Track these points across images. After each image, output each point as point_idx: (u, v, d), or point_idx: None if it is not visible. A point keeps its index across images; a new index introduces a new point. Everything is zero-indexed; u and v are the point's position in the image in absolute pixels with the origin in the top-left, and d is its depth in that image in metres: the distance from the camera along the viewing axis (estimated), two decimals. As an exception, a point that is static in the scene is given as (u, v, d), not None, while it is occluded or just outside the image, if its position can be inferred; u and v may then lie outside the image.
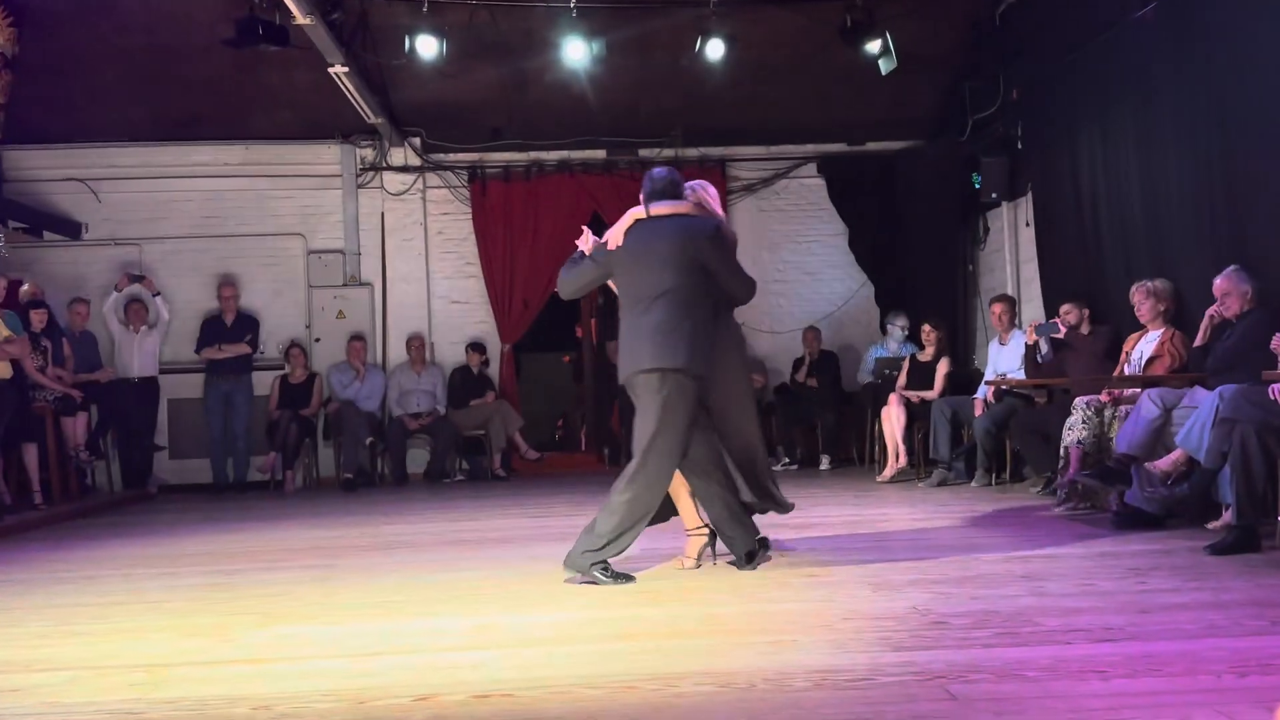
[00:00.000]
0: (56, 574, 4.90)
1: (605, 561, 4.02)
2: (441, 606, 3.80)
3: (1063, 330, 6.67)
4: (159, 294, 9.12)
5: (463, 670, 2.91)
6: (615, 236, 4.24)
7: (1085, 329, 6.68)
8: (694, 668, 2.82)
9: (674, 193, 4.24)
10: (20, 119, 8.56)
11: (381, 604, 3.88)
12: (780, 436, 9.31)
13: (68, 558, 5.43)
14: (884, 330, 9.60)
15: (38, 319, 7.84)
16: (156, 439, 9.15)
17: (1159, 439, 5.13)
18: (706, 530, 4.31)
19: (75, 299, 8.88)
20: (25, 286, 8.49)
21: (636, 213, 4.23)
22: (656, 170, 4.33)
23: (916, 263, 9.56)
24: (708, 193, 4.40)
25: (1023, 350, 7.22)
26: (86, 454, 8.11)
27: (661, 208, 4.22)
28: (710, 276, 4.14)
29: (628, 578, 4.03)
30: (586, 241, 4.35)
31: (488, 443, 9.28)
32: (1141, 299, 5.96)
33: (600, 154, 9.82)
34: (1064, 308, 6.75)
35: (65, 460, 7.87)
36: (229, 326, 9.20)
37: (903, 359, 8.44)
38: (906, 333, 8.75)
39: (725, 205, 9.71)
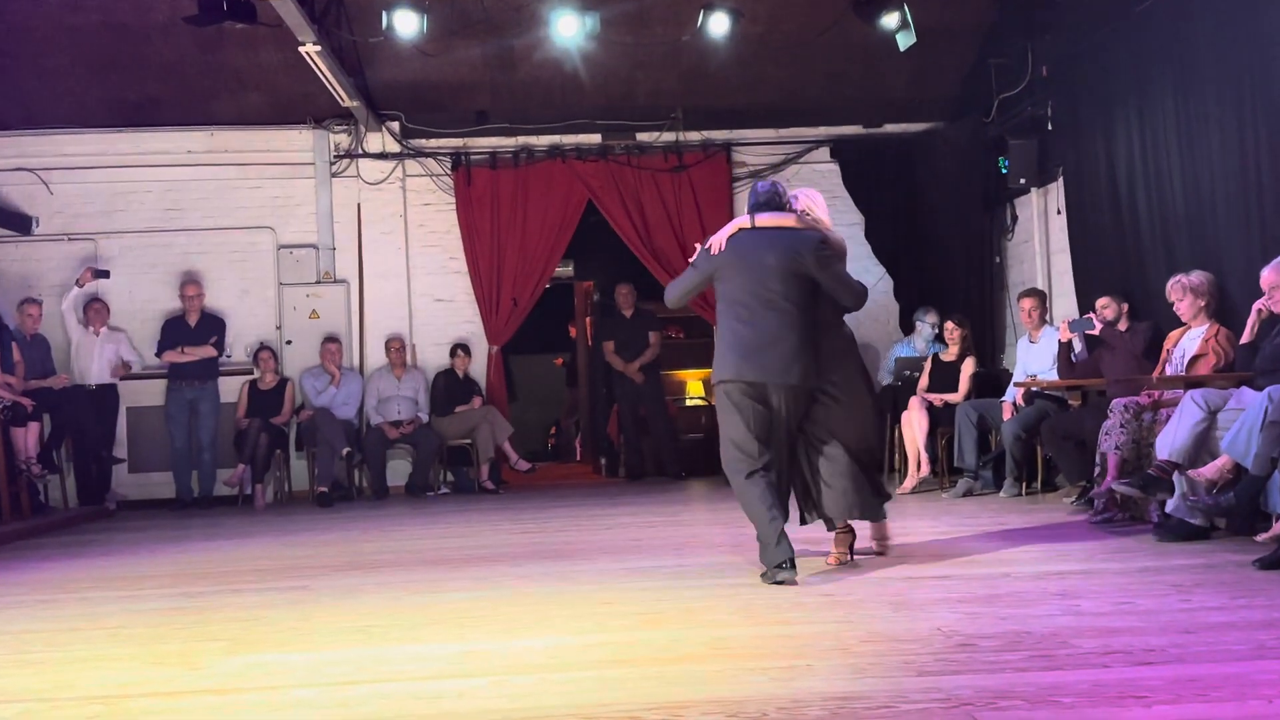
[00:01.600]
0: (7, 598, 4.89)
1: (770, 567, 4.37)
2: (426, 631, 3.81)
3: (1098, 326, 6.68)
4: (129, 359, 9.12)
5: (448, 700, 2.91)
6: (719, 241, 4.63)
7: (1123, 325, 6.69)
8: (700, 696, 2.83)
9: (777, 204, 4.66)
10: (-35, 104, 8.58)
11: (361, 629, 3.88)
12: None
13: (19, 580, 5.43)
14: (904, 328, 9.62)
15: (-15, 321, 7.84)
16: (115, 451, 9.15)
17: (1203, 444, 5.13)
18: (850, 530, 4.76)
19: (26, 299, 8.88)
20: (-29, 286, 8.51)
21: (742, 222, 4.64)
22: (760, 184, 4.81)
23: (938, 254, 9.57)
24: (814, 201, 4.77)
25: (1055, 349, 7.22)
26: (39, 467, 8.09)
27: (766, 219, 4.60)
28: (816, 287, 4.54)
29: (789, 578, 4.32)
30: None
31: (474, 453, 9.28)
32: (1179, 295, 5.96)
33: (595, 138, 9.83)
34: (1100, 302, 6.76)
35: (15, 474, 7.86)
36: (193, 328, 9.20)
37: (924, 359, 8.43)
38: (937, 330, 8.73)
39: (730, 193, 9.82)
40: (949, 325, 8.19)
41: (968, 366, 8.00)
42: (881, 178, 9.86)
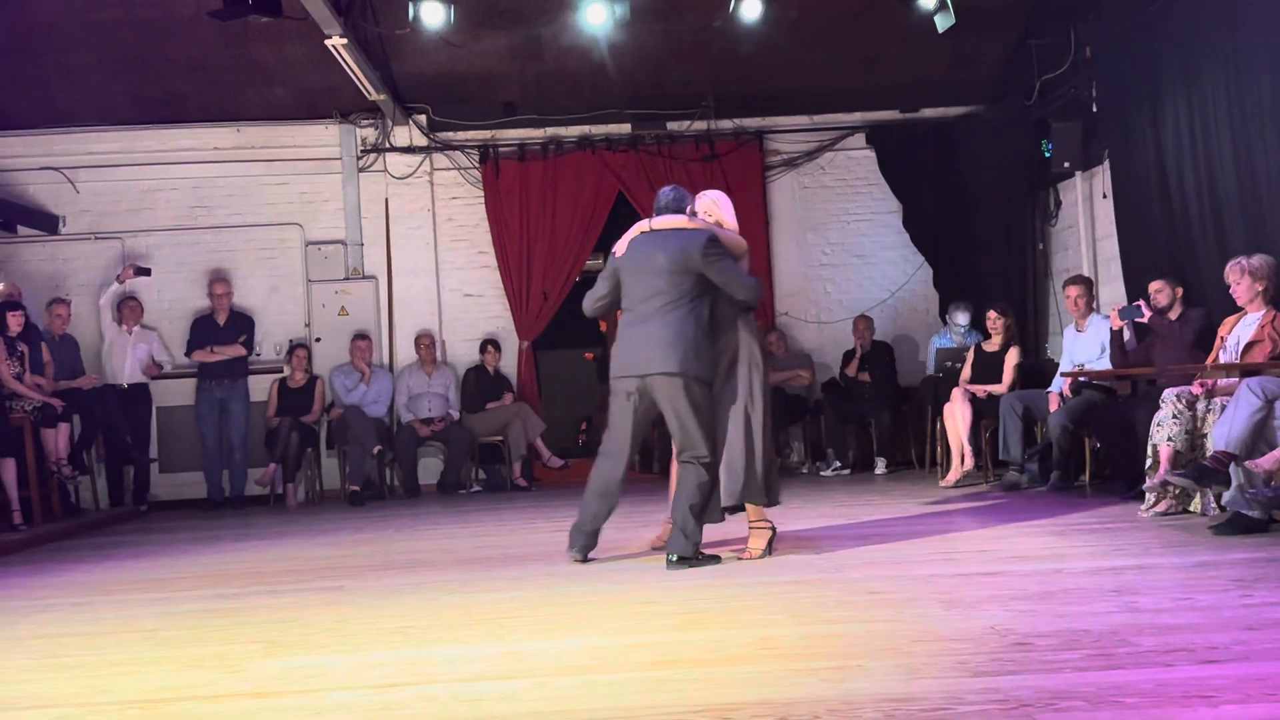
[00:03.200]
0: (41, 601, 4.93)
1: (571, 547, 5.06)
2: (464, 632, 3.80)
3: (1147, 314, 6.59)
4: (161, 359, 9.21)
5: (491, 702, 2.90)
6: (620, 245, 5.09)
7: (1176, 311, 6.58)
8: (749, 698, 2.80)
9: (677, 208, 5.06)
10: (-9, 103, 8.67)
11: (399, 630, 3.88)
12: (829, 438, 9.27)
13: (52, 583, 5.47)
14: (945, 319, 9.55)
15: (14, 322, 7.88)
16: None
17: (1260, 434, 5.05)
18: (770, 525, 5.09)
19: (54, 299, 8.96)
20: (-1, 286, 8.59)
21: (642, 225, 5.07)
22: (664, 189, 5.22)
23: (980, 242, 9.49)
24: (719, 205, 5.16)
25: (1102, 338, 7.14)
26: (69, 468, 8.16)
27: (662, 221, 5.03)
28: (709, 284, 4.91)
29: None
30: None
31: (506, 449, 9.30)
32: (1236, 278, 5.86)
33: (625, 128, 9.81)
34: (1154, 285, 6.64)
35: (46, 476, 7.94)
36: (221, 326, 9.26)
37: (966, 349, 8.37)
38: (967, 328, 8.70)
39: (763, 181, 9.78)
40: (991, 315, 8.12)
41: (1011, 357, 7.92)
42: (919, 164, 9.78)
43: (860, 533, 5.67)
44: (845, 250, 9.99)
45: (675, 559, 4.84)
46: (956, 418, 7.75)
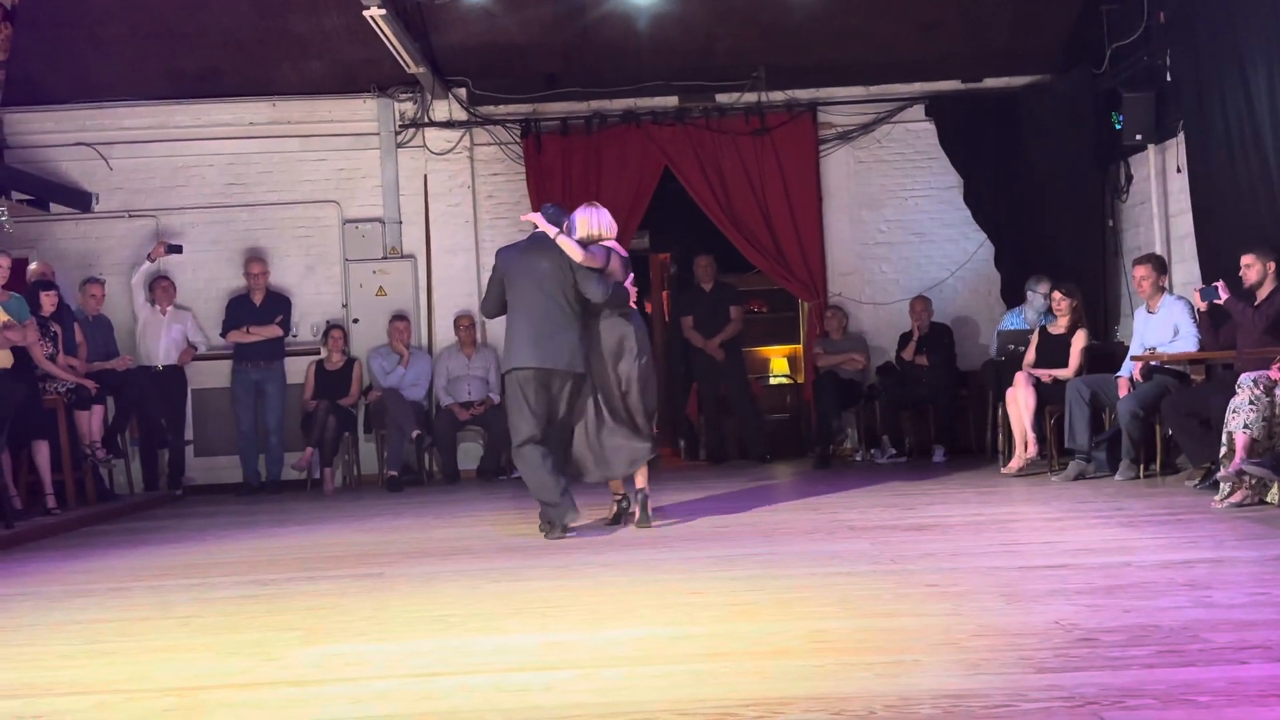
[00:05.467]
0: (76, 586, 5.05)
1: (559, 522, 5.78)
2: (507, 621, 3.84)
3: (1223, 296, 6.48)
4: (195, 340, 9.35)
5: (534, 693, 2.93)
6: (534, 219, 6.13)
7: (1269, 286, 6.37)
8: (800, 692, 2.81)
9: (556, 220, 6.06)
10: (22, 78, 8.79)
11: (439, 618, 3.93)
12: (885, 424, 9.23)
13: (88, 568, 5.60)
14: (1006, 299, 9.45)
15: (47, 302, 7.99)
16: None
17: (1345, 422, 4.95)
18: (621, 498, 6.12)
19: (88, 279, 9.10)
20: (33, 265, 8.72)
21: (545, 226, 6.00)
22: (545, 206, 6.34)
23: (1045, 219, 9.37)
24: (592, 220, 6.07)
25: (1175, 320, 7.04)
26: (103, 451, 8.31)
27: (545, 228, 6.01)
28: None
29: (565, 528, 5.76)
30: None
31: (549, 435, 9.34)
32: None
33: (671, 101, 9.78)
34: (1245, 260, 6.41)
35: (80, 459, 8.09)
36: (258, 306, 9.37)
37: (1030, 332, 8.28)
38: (1047, 295, 8.54)
39: (816, 156, 9.72)
40: (1056, 296, 8.02)
41: (1079, 340, 7.82)
42: (982, 137, 9.66)
43: (917, 523, 5.65)
44: (902, 228, 9.91)
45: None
46: (1020, 403, 7.68)
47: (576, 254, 5.87)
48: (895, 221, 9.90)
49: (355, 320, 9.73)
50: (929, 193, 9.89)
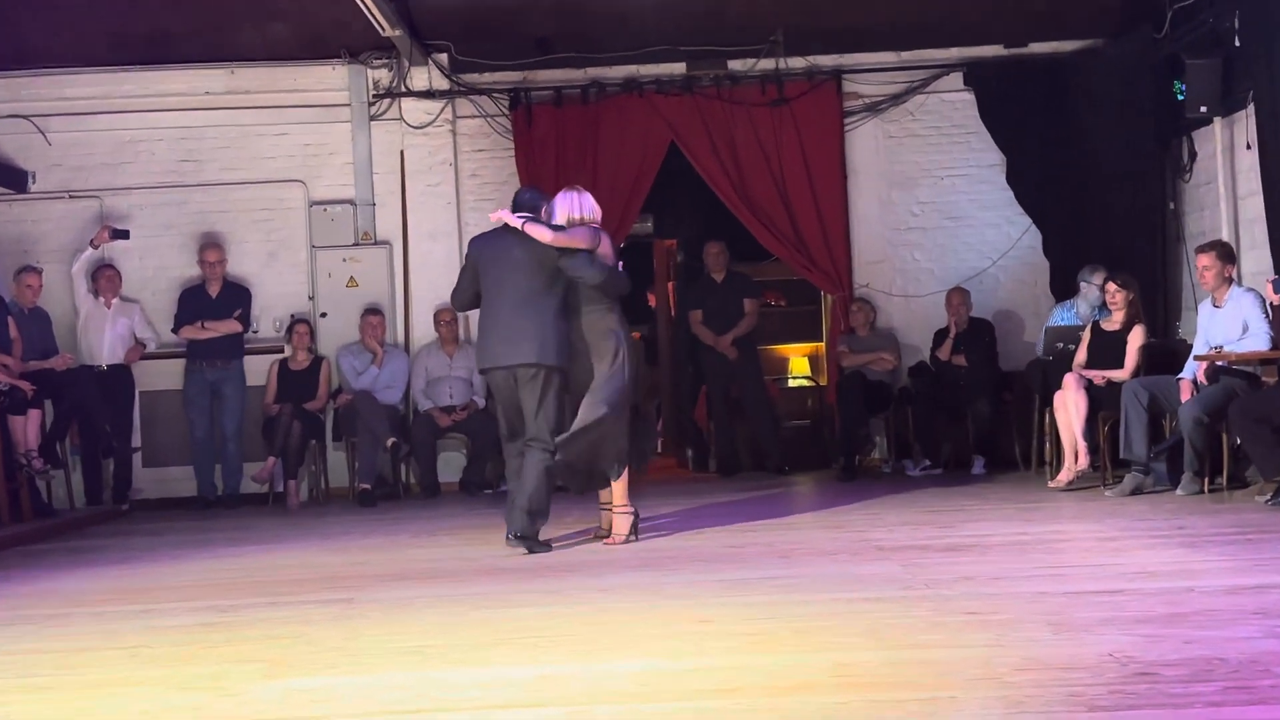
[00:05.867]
0: (10, 613, 5.05)
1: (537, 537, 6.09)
2: (493, 652, 3.84)
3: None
4: (144, 337, 9.34)
5: (524, 734, 2.93)
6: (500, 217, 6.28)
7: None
8: (823, 732, 2.81)
9: (531, 209, 6.26)
10: (-49, 43, 8.79)
11: (417, 649, 3.93)
12: (917, 432, 9.23)
13: (23, 592, 5.60)
14: (1056, 291, 9.45)
15: (-23, 294, 8.03)
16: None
17: None
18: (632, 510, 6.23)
19: (23, 268, 9.11)
20: (-38, 253, 8.73)
21: (509, 217, 6.20)
22: (520, 191, 6.71)
23: (1099, 201, 9.37)
24: (570, 205, 6.29)
25: (1244, 314, 7.04)
26: (40, 461, 8.29)
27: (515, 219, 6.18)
28: (564, 275, 6.14)
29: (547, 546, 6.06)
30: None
31: (540, 443, 9.34)
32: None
33: (678, 68, 9.79)
34: None
35: (15, 470, 8.08)
36: (214, 299, 9.37)
37: (1081, 328, 8.27)
38: (1101, 286, 8.53)
39: (841, 129, 9.72)
40: (1110, 288, 8.02)
41: (1136, 337, 7.82)
42: (1027, 108, 9.66)
43: (953, 543, 5.66)
44: (937, 210, 9.90)
45: (517, 536, 5.98)
46: (1070, 408, 7.68)
47: (543, 235, 6.05)
48: (929, 204, 9.91)
49: (323, 314, 9.74)
50: (968, 171, 9.88)
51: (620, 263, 6.41)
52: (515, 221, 6.13)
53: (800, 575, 5.00)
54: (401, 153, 9.82)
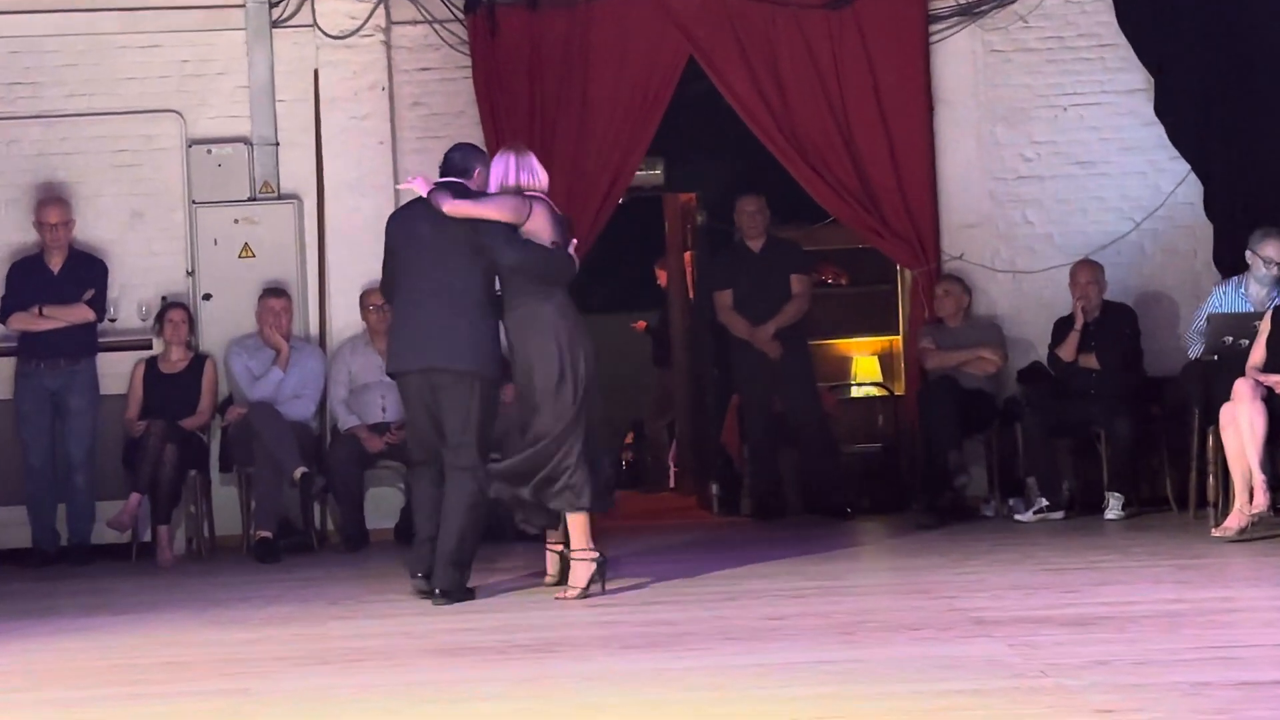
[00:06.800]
0: None
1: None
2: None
3: None
4: None
5: None
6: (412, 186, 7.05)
7: None
8: None
9: (460, 172, 6.85)
10: None
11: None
12: (1030, 460, 9.21)
13: None
14: (1220, 265, 9.44)
15: None
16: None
17: None
18: (596, 555, 6.66)
19: None
20: None
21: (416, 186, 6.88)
22: (450, 150, 7.12)
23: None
24: (508, 166, 6.85)
25: None
26: None
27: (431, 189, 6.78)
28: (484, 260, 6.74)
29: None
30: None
31: (507, 475, 9.36)
32: None
33: (697, -42, 9.82)
34: None
35: None
36: (55, 275, 9.36)
37: (1259, 316, 8.26)
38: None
39: (924, 41, 9.72)
40: (1297, 260, 8.06)
41: (1334, 329, 7.84)
42: (1184, 13, 9.66)
43: (1080, 613, 5.66)
44: (1059, 154, 9.90)
45: (440, 594, 6.57)
46: (1242, 426, 7.68)
47: (444, 205, 6.61)
48: (1048, 144, 9.91)
49: (206, 296, 9.74)
50: (1101, 100, 9.89)
51: (571, 241, 6.97)
52: (422, 187, 6.72)
53: (868, 659, 4.99)
54: (315, 73, 9.82)
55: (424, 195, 6.72)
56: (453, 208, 6.56)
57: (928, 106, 9.79)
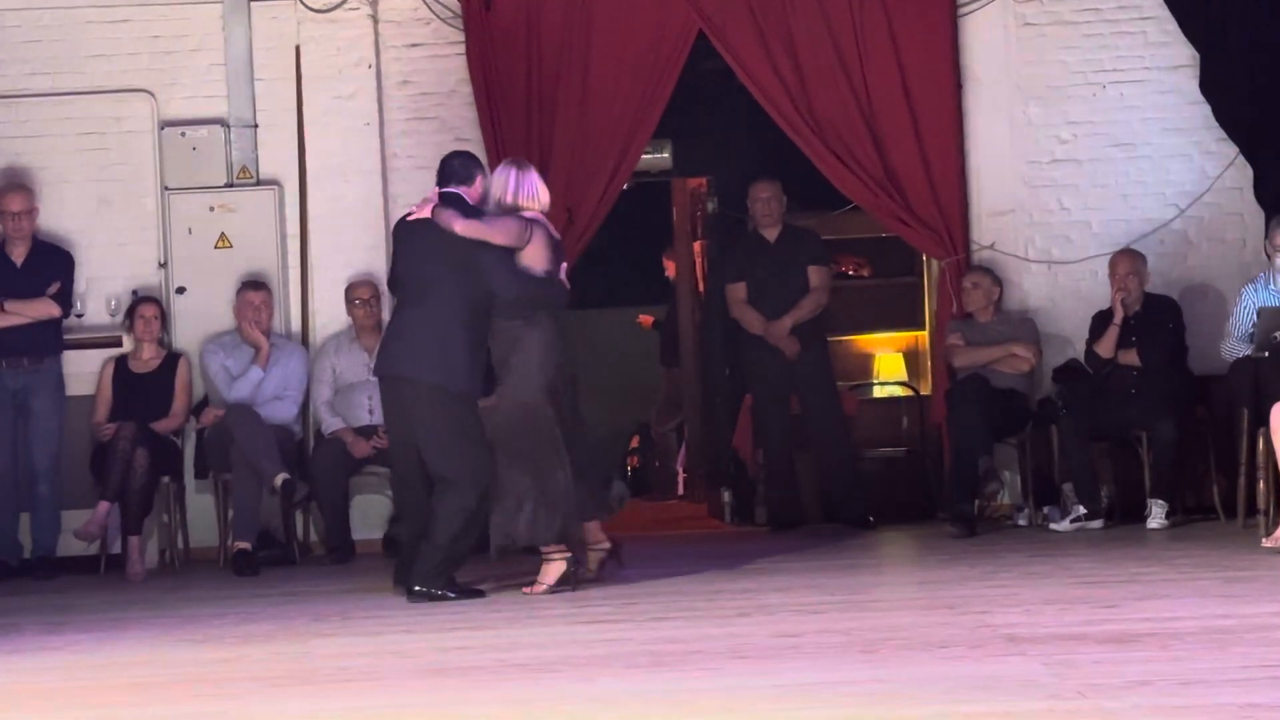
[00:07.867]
0: None
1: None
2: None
3: None
4: None
5: None
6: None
7: None
8: None
9: (460, 181, 7.33)
10: None
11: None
12: (1066, 465, 9.21)
13: None
14: (1268, 256, 9.44)
15: None
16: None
17: None
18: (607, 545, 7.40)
19: None
20: None
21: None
22: (448, 157, 7.58)
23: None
24: (508, 181, 7.28)
25: None
26: None
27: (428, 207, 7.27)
28: (471, 274, 7.14)
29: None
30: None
31: (503, 481, 9.37)
32: None
33: (708, -74, 9.83)
34: None
35: None
36: (18, 268, 9.37)
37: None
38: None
39: (954, 14, 9.71)
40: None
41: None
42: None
43: (1120, 630, 5.66)
44: (1097, 135, 9.91)
45: (419, 589, 7.03)
46: (1293, 430, 7.70)
47: (455, 225, 7.02)
48: (1085, 124, 9.91)
49: (180, 289, 9.76)
50: (1142, 76, 9.90)
51: (564, 266, 7.39)
52: (423, 211, 7.16)
53: (892, 679, 4.98)
54: (297, 49, 9.84)
55: (430, 218, 7.11)
56: (465, 228, 6.94)
57: (956, 84, 9.81)
